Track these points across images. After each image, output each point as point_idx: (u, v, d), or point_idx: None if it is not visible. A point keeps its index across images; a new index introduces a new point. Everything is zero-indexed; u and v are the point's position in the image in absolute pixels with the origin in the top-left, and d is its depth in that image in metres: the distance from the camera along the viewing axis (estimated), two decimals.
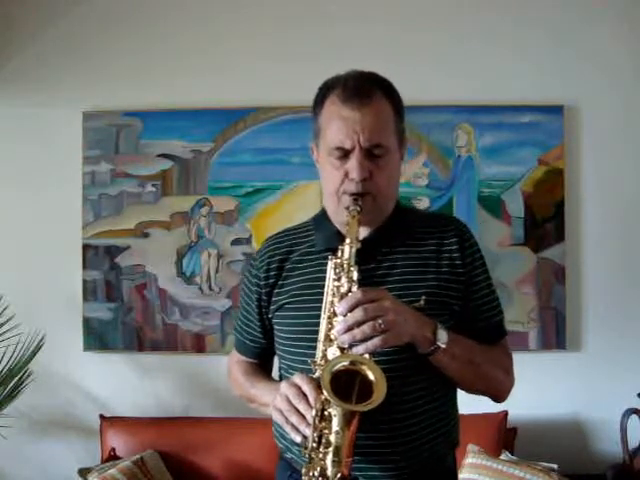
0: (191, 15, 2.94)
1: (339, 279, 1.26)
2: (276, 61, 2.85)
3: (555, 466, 2.50)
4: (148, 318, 2.91)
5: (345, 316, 1.18)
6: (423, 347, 1.25)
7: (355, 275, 1.25)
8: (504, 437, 2.67)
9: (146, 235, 2.92)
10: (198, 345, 2.90)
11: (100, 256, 2.91)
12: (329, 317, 1.25)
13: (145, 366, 2.92)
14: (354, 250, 1.26)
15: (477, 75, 2.90)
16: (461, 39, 2.91)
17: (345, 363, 1.17)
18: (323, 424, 1.16)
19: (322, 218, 1.44)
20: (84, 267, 2.91)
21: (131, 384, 2.91)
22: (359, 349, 1.17)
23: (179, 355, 2.90)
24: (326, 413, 1.16)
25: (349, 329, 1.17)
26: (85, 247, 2.91)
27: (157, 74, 2.93)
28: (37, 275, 2.91)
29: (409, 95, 2.85)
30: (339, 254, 1.28)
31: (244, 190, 2.90)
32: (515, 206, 2.88)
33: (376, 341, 1.16)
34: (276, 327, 1.43)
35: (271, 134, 2.87)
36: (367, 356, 1.18)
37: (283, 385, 1.24)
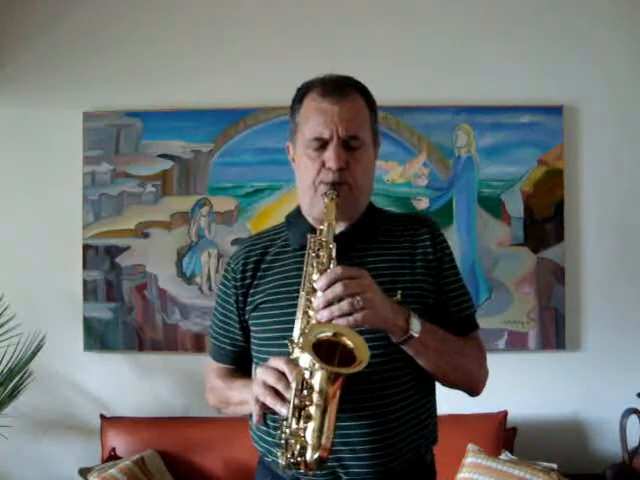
0: (191, 15, 2.94)
1: (318, 256, 1.28)
2: (276, 61, 2.85)
3: (555, 466, 2.50)
4: (148, 318, 2.91)
5: (324, 292, 1.19)
6: (396, 335, 1.26)
7: (334, 252, 1.27)
8: (504, 437, 2.67)
9: (146, 235, 2.92)
10: (198, 345, 2.90)
11: (100, 256, 2.91)
12: (307, 293, 1.26)
13: (145, 366, 2.92)
14: (332, 229, 1.29)
15: (477, 75, 2.90)
16: (461, 39, 2.91)
17: (328, 333, 1.16)
18: (303, 399, 1.14)
19: (295, 216, 1.47)
20: (84, 267, 2.91)
21: (131, 384, 2.91)
22: (340, 322, 1.17)
23: (179, 355, 2.90)
24: (306, 390, 1.15)
25: (329, 304, 1.17)
26: (85, 247, 2.91)
27: (157, 74, 2.93)
28: (37, 275, 2.91)
29: (409, 95, 2.92)
30: (318, 233, 1.31)
31: (244, 190, 2.91)
32: (515, 206, 2.88)
33: (357, 316, 1.17)
34: (253, 328, 1.43)
35: (271, 134, 2.87)
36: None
37: (259, 370, 1.24)
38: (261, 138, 2.89)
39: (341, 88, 1.36)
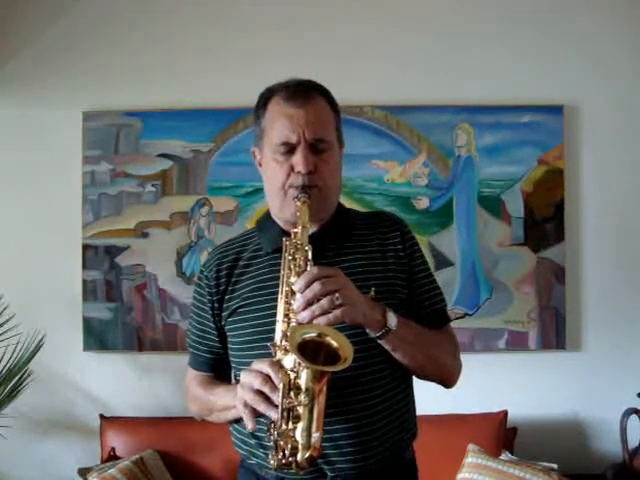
0: (191, 15, 2.94)
1: (294, 259, 1.29)
2: (276, 61, 2.84)
3: (555, 466, 2.50)
4: (148, 318, 2.91)
5: (303, 292, 1.21)
6: (374, 330, 1.29)
7: (310, 254, 1.28)
8: (504, 437, 2.67)
9: (146, 235, 2.92)
10: None
11: (100, 256, 2.91)
12: (286, 296, 1.27)
13: (145, 366, 2.92)
14: (307, 232, 1.31)
15: (477, 75, 2.90)
16: (461, 39, 2.91)
17: (312, 334, 1.18)
18: (291, 399, 1.15)
19: (266, 221, 1.49)
20: (84, 267, 2.90)
21: (131, 384, 2.91)
22: (320, 321, 1.19)
23: (179, 355, 2.89)
24: (293, 390, 1.16)
25: (309, 304, 1.19)
26: (85, 247, 2.91)
27: (157, 74, 2.93)
28: (37, 275, 2.91)
29: (409, 95, 2.91)
30: (292, 236, 1.32)
31: (244, 190, 2.90)
32: (515, 206, 2.88)
33: (337, 312, 1.19)
34: (230, 334, 1.43)
35: None
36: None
37: (243, 375, 1.24)
38: None
39: (304, 92, 1.38)
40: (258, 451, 1.37)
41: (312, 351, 1.16)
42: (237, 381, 1.43)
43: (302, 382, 1.16)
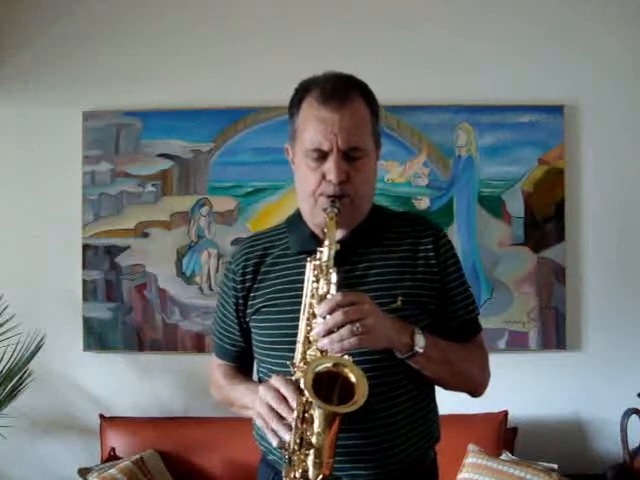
0: (191, 15, 2.94)
1: (318, 281, 1.26)
2: (276, 61, 2.84)
3: (555, 466, 2.49)
4: (148, 318, 2.91)
5: (324, 318, 1.18)
6: (402, 352, 1.27)
7: (334, 278, 1.24)
8: (504, 437, 2.67)
9: (146, 235, 2.92)
10: (198, 345, 2.90)
11: (100, 256, 2.91)
12: (308, 318, 1.25)
13: (145, 366, 2.92)
14: (333, 252, 1.26)
15: (477, 75, 2.90)
16: (461, 39, 2.91)
17: (328, 365, 1.17)
18: (304, 426, 1.16)
19: (297, 220, 1.44)
20: (84, 267, 2.91)
21: (131, 384, 2.91)
22: (334, 347, 1.17)
23: (179, 355, 2.90)
24: (307, 415, 1.16)
25: (329, 332, 1.17)
26: (85, 247, 2.91)
27: (157, 74, 2.93)
28: (37, 275, 2.91)
29: (409, 95, 2.92)
30: (317, 256, 1.28)
31: (244, 190, 2.90)
32: (515, 206, 2.88)
33: (352, 340, 1.16)
34: (254, 331, 1.43)
35: (271, 134, 2.86)
36: (348, 357, 1.18)
37: (261, 389, 1.24)
38: (261, 138, 2.88)
39: (342, 92, 1.30)
40: (276, 450, 1.36)
41: (328, 382, 1.16)
42: (259, 379, 1.45)
43: (316, 415, 1.15)
